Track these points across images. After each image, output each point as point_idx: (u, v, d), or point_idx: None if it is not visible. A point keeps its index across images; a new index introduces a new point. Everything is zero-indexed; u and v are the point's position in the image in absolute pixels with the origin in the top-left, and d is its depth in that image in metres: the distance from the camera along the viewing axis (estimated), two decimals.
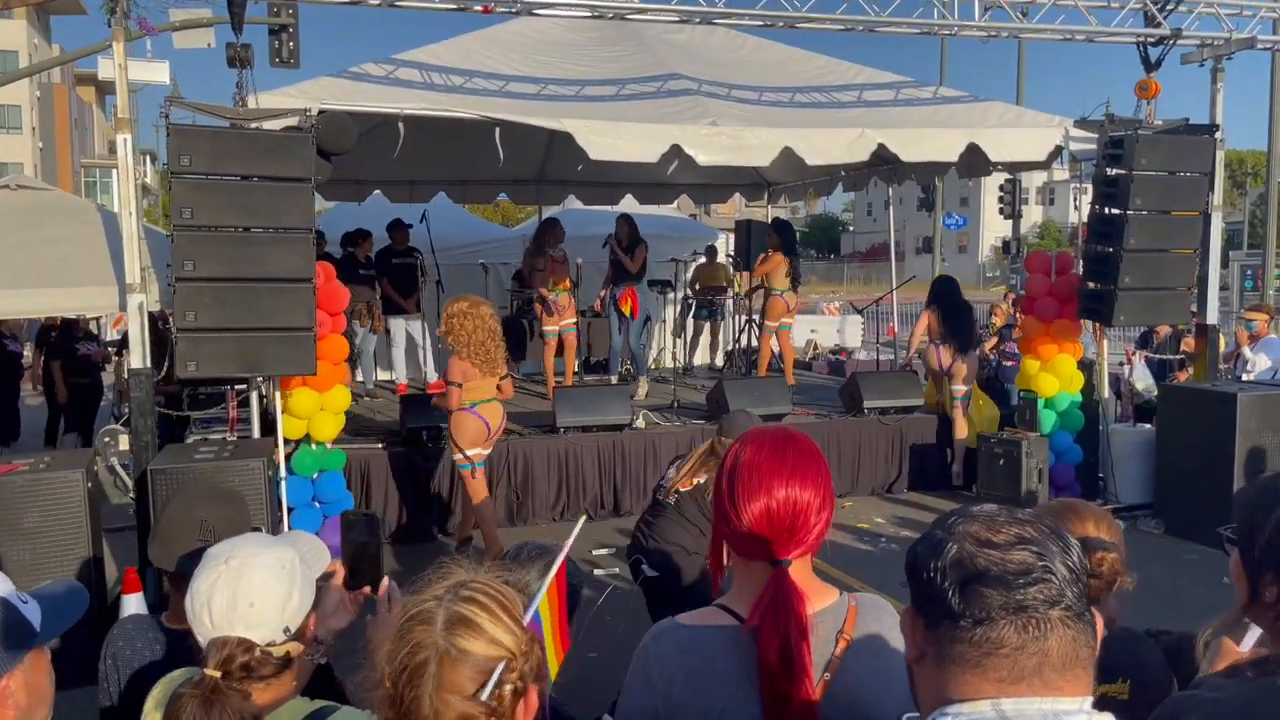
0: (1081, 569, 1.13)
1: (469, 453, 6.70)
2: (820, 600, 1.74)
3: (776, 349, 11.45)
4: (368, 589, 2.04)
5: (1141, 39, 8.20)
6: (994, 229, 54.56)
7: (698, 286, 12.89)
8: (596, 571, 6.96)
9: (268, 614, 1.70)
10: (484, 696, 1.38)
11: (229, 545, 1.77)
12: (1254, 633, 2.38)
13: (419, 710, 1.37)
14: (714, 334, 13.59)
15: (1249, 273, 21.81)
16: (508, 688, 1.40)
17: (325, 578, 1.94)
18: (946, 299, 9.52)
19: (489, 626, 1.42)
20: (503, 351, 6.78)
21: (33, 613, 1.50)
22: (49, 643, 1.53)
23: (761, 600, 1.66)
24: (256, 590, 1.69)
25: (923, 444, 9.22)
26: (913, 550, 1.21)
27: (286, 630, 1.72)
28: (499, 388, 6.79)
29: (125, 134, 6.24)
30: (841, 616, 1.74)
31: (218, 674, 1.64)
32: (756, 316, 11.65)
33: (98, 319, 12.72)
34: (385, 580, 1.96)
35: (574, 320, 10.59)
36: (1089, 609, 1.13)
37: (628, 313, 10.80)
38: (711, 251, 13.20)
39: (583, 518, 2.10)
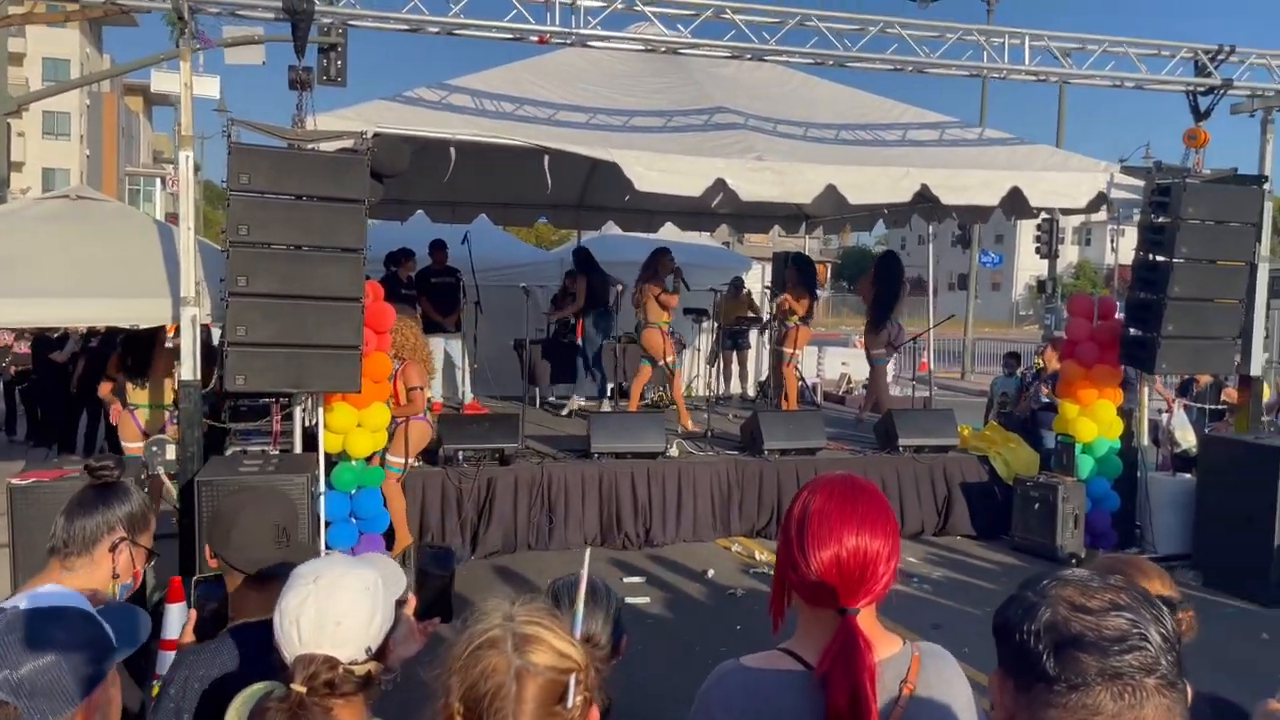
0: (1175, 637, 1.14)
1: (411, 460, 7.21)
2: (885, 648, 1.76)
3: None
4: (438, 620, 2.09)
5: (1191, 88, 8.19)
6: (1029, 267, 54.20)
7: (721, 319, 12.94)
8: (627, 599, 6.97)
9: (353, 633, 1.75)
10: (568, 705, 1.43)
11: (316, 565, 1.83)
12: None
13: None
14: (742, 364, 13.61)
15: None
16: (580, 699, 1.46)
17: (398, 605, 1.98)
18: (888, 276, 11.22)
19: (556, 642, 1.48)
20: None
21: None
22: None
23: (831, 648, 1.68)
24: (343, 610, 1.74)
25: (959, 484, 9.13)
26: (1003, 612, 1.23)
27: (369, 650, 1.77)
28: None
29: (187, 151, 6.39)
30: (906, 665, 1.75)
31: (304, 690, 1.68)
32: (788, 348, 11.65)
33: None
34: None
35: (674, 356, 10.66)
36: (1182, 678, 1.14)
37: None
38: (737, 283, 13.24)
39: (588, 550, 2.16)
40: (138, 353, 7.38)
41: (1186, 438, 9.34)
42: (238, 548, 2.41)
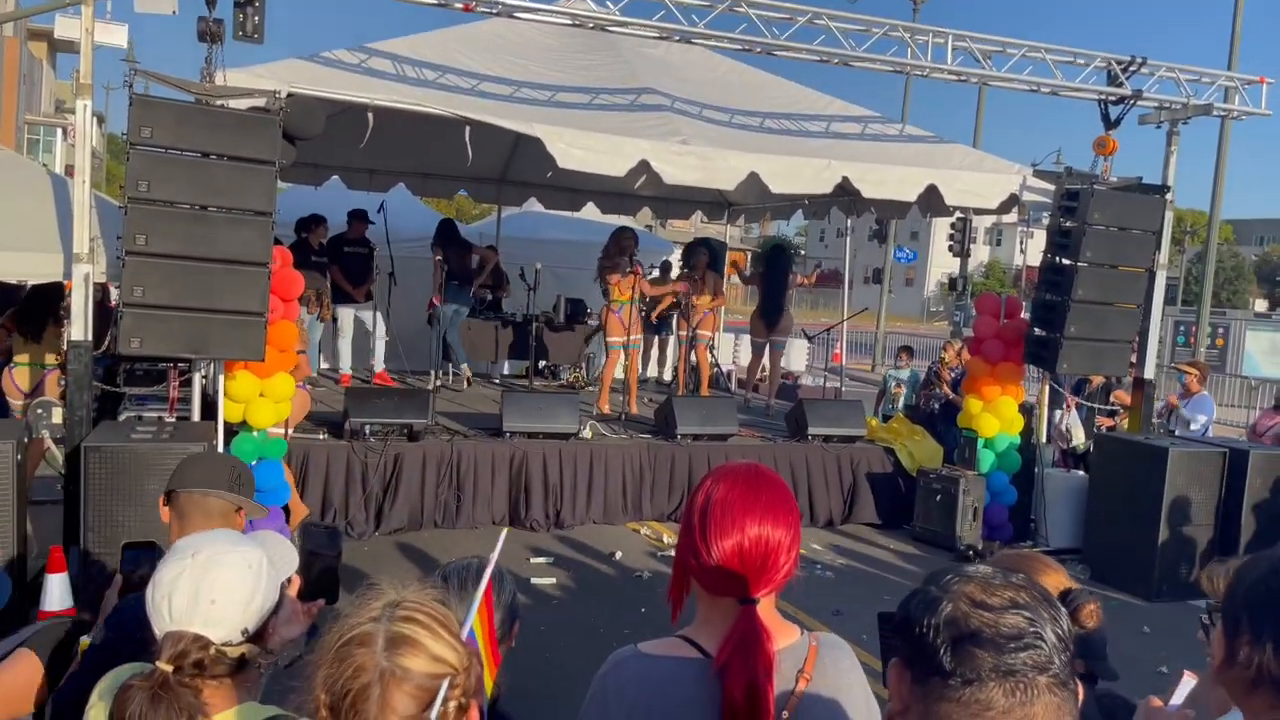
0: (1069, 637, 1.15)
1: (291, 430, 7.16)
2: (783, 638, 1.75)
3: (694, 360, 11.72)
4: (322, 601, 2.00)
5: (1103, 97, 8.43)
6: (941, 264, 55.66)
7: (648, 301, 12.95)
8: (534, 580, 6.92)
9: (228, 613, 1.66)
10: (432, 715, 1.37)
11: (198, 539, 1.74)
12: (1185, 686, 2.44)
13: None
14: (662, 349, 13.65)
15: (1182, 329, 22.49)
16: (452, 704, 1.40)
17: (281, 586, 1.90)
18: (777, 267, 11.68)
19: (431, 644, 1.42)
20: None
21: None
22: None
23: (731, 638, 1.67)
24: (220, 588, 1.66)
25: (865, 474, 9.30)
26: (905, 604, 1.22)
27: (245, 631, 1.69)
28: None
29: (86, 100, 6.07)
30: (802, 656, 1.75)
31: (170, 669, 1.60)
32: (708, 332, 11.72)
33: None
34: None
35: (639, 336, 10.53)
36: (1073, 678, 1.15)
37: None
38: (666, 267, 13.26)
39: (504, 530, 2.10)
40: (36, 310, 7.06)
41: (1077, 435, 9.69)
42: (195, 482, 2.50)
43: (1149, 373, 9.01)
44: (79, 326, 6.01)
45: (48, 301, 7.06)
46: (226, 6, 6.37)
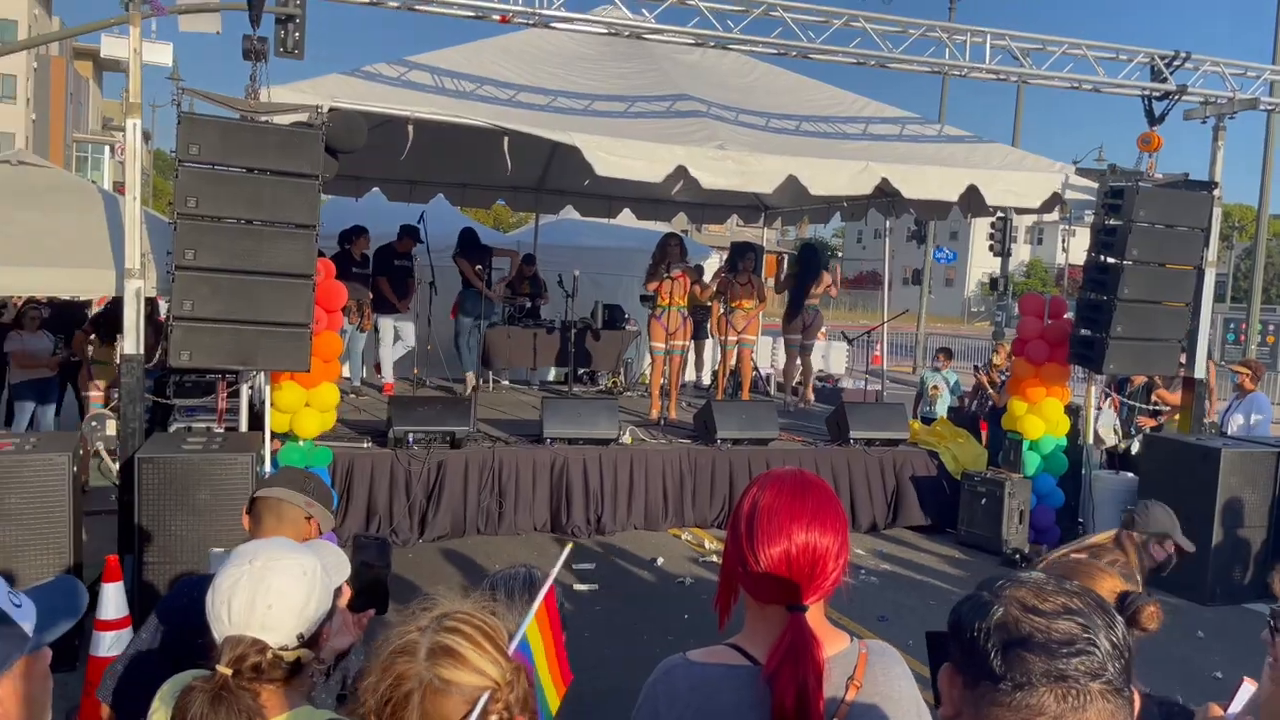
0: (1125, 645, 1.14)
1: None
2: (832, 646, 1.74)
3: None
4: (372, 612, 2.04)
5: (1147, 93, 8.31)
6: (981, 264, 54.97)
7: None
8: (576, 586, 6.95)
9: (284, 618, 1.70)
10: None
11: (255, 546, 1.78)
12: (1244, 693, 2.40)
13: None
14: (698, 353, 13.63)
15: (1231, 326, 22.02)
16: (493, 718, 1.41)
17: (335, 595, 1.94)
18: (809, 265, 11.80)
19: (473, 656, 1.43)
20: None
21: (25, 615, 1.42)
22: (42, 646, 1.45)
23: (780, 646, 1.66)
24: (276, 593, 1.70)
25: (909, 478, 9.22)
26: (957, 609, 1.22)
27: (300, 636, 1.73)
28: None
29: (135, 118, 6.22)
30: (852, 663, 1.74)
31: (229, 672, 1.64)
32: (752, 337, 11.69)
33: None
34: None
35: (682, 341, 10.40)
36: (1129, 686, 1.14)
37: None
38: (699, 272, 13.24)
39: (569, 546, 2.10)
40: (112, 319, 7.75)
41: (1106, 435, 9.52)
42: (271, 490, 2.70)
43: (1200, 372, 8.85)
44: (131, 341, 6.15)
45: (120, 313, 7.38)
46: (269, 26, 6.51)
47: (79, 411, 9.92)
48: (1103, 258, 8.22)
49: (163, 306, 7.38)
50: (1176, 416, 9.38)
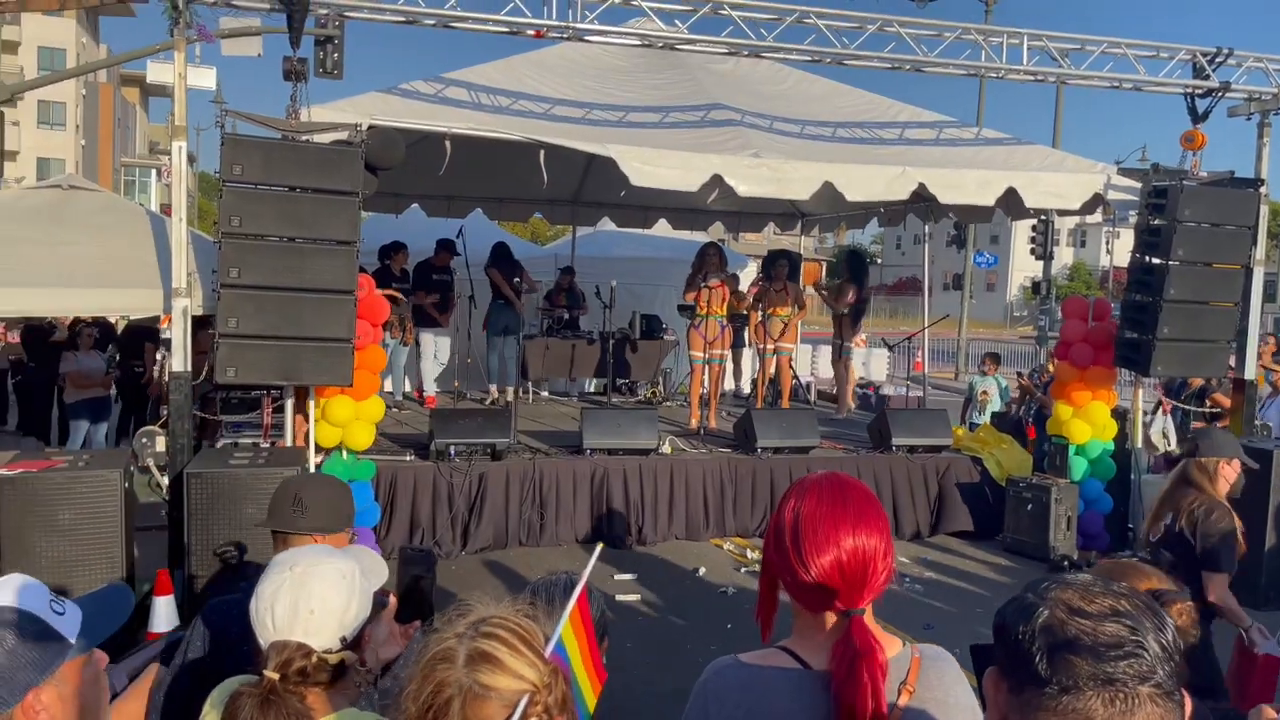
0: (1175, 648, 1.12)
1: None
2: (887, 649, 1.74)
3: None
4: (418, 622, 2.07)
5: (1189, 90, 8.18)
6: (1023, 268, 54.28)
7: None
8: (618, 597, 6.95)
9: (326, 622, 1.75)
10: None
11: (294, 554, 1.84)
12: None
13: None
14: (736, 361, 13.58)
15: None
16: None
17: (379, 608, 1.97)
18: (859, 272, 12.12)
19: (510, 661, 1.45)
20: None
21: (68, 621, 1.45)
22: (88, 651, 1.48)
23: (843, 650, 1.65)
24: (317, 598, 1.75)
25: (953, 484, 9.12)
26: (1003, 612, 1.21)
27: (343, 639, 1.77)
28: None
29: (181, 141, 6.36)
30: (905, 668, 1.73)
31: (276, 676, 1.68)
32: (790, 344, 11.67)
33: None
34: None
35: (722, 351, 10.34)
36: (1180, 689, 1.12)
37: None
38: (736, 280, 13.19)
39: (599, 546, 2.10)
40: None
41: (1158, 441, 9.36)
42: (304, 508, 2.65)
43: (1250, 373, 8.66)
44: (179, 358, 6.27)
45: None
46: (309, 47, 6.61)
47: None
48: (1147, 258, 8.09)
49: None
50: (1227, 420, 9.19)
